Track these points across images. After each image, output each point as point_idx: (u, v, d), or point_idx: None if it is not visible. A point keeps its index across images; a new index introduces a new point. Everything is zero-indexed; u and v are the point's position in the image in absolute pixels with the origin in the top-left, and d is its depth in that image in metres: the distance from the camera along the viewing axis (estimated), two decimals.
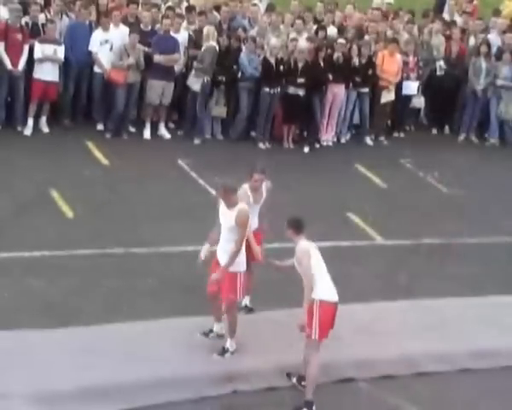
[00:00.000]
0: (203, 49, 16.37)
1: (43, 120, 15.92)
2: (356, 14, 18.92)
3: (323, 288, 9.29)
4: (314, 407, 9.29)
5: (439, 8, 21.11)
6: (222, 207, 9.84)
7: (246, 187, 10.37)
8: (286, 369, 9.76)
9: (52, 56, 15.58)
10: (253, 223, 10.37)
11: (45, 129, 15.93)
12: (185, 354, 9.80)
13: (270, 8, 18.57)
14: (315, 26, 17.98)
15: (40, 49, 15.48)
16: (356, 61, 17.29)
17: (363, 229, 13.92)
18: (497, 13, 20.34)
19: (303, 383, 9.55)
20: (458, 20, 19.91)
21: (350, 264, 12.32)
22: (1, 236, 12.10)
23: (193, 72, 16.45)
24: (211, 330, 10.24)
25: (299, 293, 11.12)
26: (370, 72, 17.53)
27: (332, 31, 17.91)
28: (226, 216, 9.74)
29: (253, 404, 9.45)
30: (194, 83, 16.47)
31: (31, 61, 15.59)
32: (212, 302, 10.10)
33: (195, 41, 16.62)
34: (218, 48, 16.50)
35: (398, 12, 19.45)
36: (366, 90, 17.64)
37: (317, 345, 9.31)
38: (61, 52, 15.68)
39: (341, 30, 18.15)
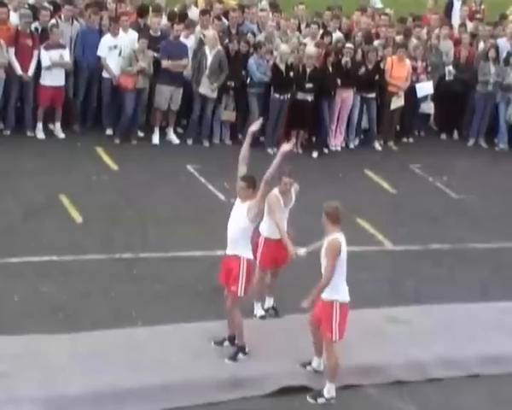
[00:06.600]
0: (213, 54, 16.39)
1: (58, 125, 15.94)
2: (363, 18, 18.91)
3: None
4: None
5: (448, 14, 21.09)
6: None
7: (275, 192, 10.58)
8: (295, 374, 9.75)
9: (59, 61, 15.58)
10: (283, 227, 10.60)
11: (61, 134, 15.93)
12: (194, 359, 9.79)
13: (273, 7, 18.53)
14: (321, 31, 17.98)
15: (47, 57, 15.48)
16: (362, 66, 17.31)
17: (372, 234, 13.91)
18: (503, 17, 20.32)
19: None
20: (468, 25, 19.89)
21: (359, 269, 12.26)
22: (11, 240, 12.13)
23: (205, 79, 16.42)
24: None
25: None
26: (377, 77, 17.52)
27: (338, 36, 17.90)
28: None
29: (263, 409, 9.44)
30: (210, 90, 16.44)
31: (39, 67, 15.63)
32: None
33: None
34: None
35: (405, 17, 19.42)
36: (373, 95, 17.63)
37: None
38: (67, 56, 15.71)
39: (349, 35, 18.15)
